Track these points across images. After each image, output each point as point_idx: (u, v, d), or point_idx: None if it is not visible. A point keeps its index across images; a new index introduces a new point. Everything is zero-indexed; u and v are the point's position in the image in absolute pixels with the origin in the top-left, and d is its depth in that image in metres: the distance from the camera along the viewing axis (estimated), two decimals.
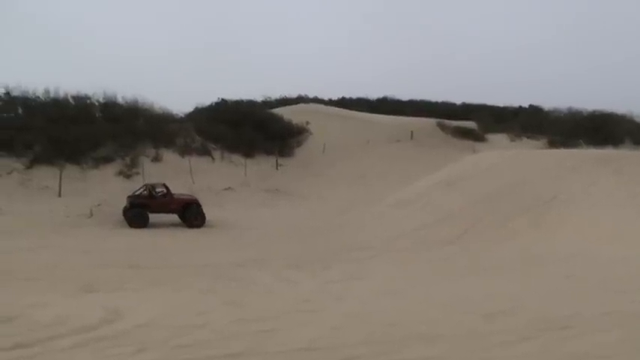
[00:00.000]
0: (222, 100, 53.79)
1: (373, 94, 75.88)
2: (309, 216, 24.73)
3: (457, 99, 73.44)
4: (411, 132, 48.06)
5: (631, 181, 20.43)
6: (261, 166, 37.77)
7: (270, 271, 13.72)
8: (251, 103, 59.27)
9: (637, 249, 14.71)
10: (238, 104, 53.53)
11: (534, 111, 64.03)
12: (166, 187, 23.80)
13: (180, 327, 7.96)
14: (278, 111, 50.22)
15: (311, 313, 9.23)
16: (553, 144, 48.00)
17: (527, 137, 52.32)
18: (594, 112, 55.58)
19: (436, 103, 68.83)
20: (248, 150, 38.42)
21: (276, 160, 38.93)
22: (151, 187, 23.66)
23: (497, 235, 18.64)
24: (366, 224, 22.79)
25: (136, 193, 23.51)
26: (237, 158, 37.27)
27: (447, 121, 53.82)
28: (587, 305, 9.26)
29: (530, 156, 28.42)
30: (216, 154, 37.15)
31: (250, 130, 40.63)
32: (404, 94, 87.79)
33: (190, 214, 23.03)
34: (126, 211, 22.88)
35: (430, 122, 52.54)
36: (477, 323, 8.36)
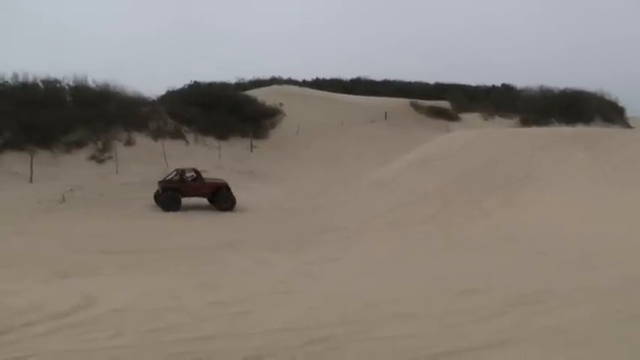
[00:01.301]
0: (195, 82, 53.41)
1: (347, 74, 75.91)
2: (284, 198, 24.70)
3: (430, 79, 73.85)
4: (385, 112, 48.13)
5: (601, 157, 20.72)
6: (235, 148, 37.56)
7: (245, 254, 13.68)
8: (224, 86, 58.81)
9: (608, 225, 14.94)
10: (211, 87, 53.08)
11: (507, 90, 64.43)
12: (196, 172, 24.24)
13: (155, 311, 7.91)
14: (251, 93, 49.96)
15: (287, 295, 9.23)
16: (525, 122, 48.39)
17: (500, 116, 52.72)
18: (565, 90, 56.08)
19: (410, 83, 68.91)
20: (222, 132, 38.14)
21: (251, 142, 38.75)
22: (181, 172, 24.00)
23: (472, 213, 18.82)
24: (341, 205, 22.83)
25: (167, 178, 23.78)
26: (211, 141, 37.02)
27: (420, 101, 54.00)
28: (560, 281, 9.39)
29: (503, 135, 28.66)
30: (190, 137, 36.86)
31: (224, 112, 40.33)
32: (378, 74, 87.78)
33: (220, 197, 23.37)
34: (158, 196, 23.25)
35: (404, 102, 52.67)
36: (451, 301, 8.43)
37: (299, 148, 39.50)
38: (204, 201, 23.44)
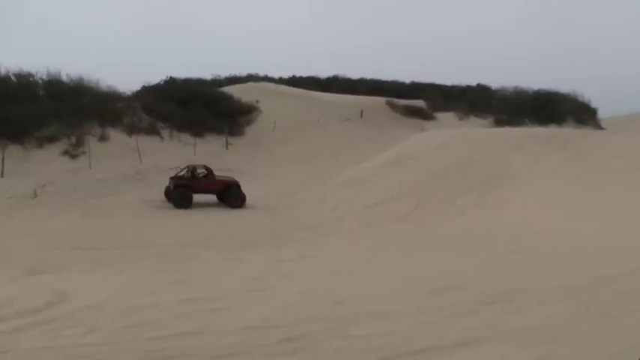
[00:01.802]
0: (171, 78, 53.06)
1: (324, 72, 76.04)
2: (259, 195, 24.62)
3: (406, 78, 74.19)
4: (361, 111, 48.26)
5: (573, 158, 21.04)
6: (210, 145, 37.38)
7: (220, 251, 13.65)
8: (200, 82, 58.55)
9: (579, 225, 15.17)
10: (187, 83, 52.82)
11: (482, 90, 64.96)
12: (207, 169, 24.19)
13: (128, 307, 7.86)
14: (228, 89, 49.75)
15: (262, 292, 9.22)
16: (499, 122, 48.88)
17: (475, 116, 53.15)
18: (539, 91, 56.73)
19: (386, 82, 69.22)
20: (197, 129, 37.94)
21: (226, 139, 38.59)
22: (192, 169, 23.99)
23: (446, 212, 18.96)
24: (316, 203, 22.85)
25: (179, 175, 23.93)
26: (186, 137, 36.81)
27: (396, 100, 54.22)
28: (532, 280, 9.50)
29: (478, 135, 28.93)
30: (165, 133, 36.60)
31: (200, 109, 40.12)
32: (354, 72, 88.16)
33: (230, 195, 23.34)
34: (169, 193, 23.19)
35: (380, 101, 52.86)
36: (425, 299, 8.50)
37: (275, 146, 39.45)
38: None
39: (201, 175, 24.02)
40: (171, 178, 23.59)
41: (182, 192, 22.56)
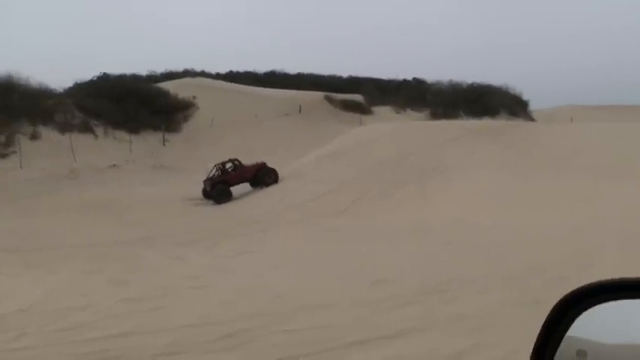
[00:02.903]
0: (105, 74, 51.91)
1: (261, 67, 75.74)
2: (198, 192, 24.39)
3: (344, 72, 74.63)
4: (300, 106, 48.31)
5: (507, 149, 21.56)
6: (147, 142, 36.82)
7: (157, 249, 13.45)
8: (135, 78, 57.46)
9: (512, 214, 15.55)
10: (122, 78, 51.77)
11: (418, 84, 65.90)
12: (233, 161, 26.18)
13: (61, 310, 7.67)
14: (164, 85, 49.08)
15: (200, 289, 9.14)
16: (435, 115, 49.67)
17: (412, 109, 53.91)
18: (473, 84, 57.94)
19: (323, 77, 69.49)
20: (133, 126, 37.33)
21: (163, 136, 38.09)
22: (220, 166, 25.72)
23: (385, 204, 19.15)
24: (254, 198, 22.79)
25: (211, 175, 25.26)
26: (121, 134, 36.15)
27: (334, 95, 54.47)
28: (467, 270, 9.70)
29: (415, 128, 29.36)
30: (99, 130, 35.87)
31: (135, 105, 39.47)
32: (292, 67, 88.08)
33: (262, 175, 25.11)
34: (208, 192, 24.32)
35: (318, 96, 53.01)
36: (363, 291, 8.57)
37: (213, 142, 39.07)
38: (117, 195, 22.84)
39: (230, 168, 25.71)
40: (206, 181, 24.83)
41: (220, 188, 24.01)
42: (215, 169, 25.63)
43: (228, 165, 25.94)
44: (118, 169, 29.68)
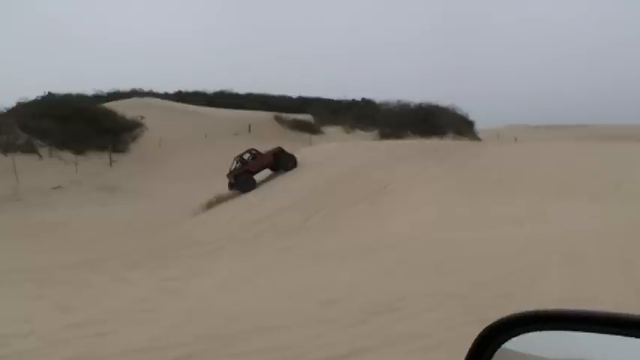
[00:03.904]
0: (50, 94, 50.73)
1: (210, 87, 75.29)
2: (146, 213, 24.04)
3: (293, 92, 74.82)
4: (249, 125, 48.23)
5: (453, 169, 21.95)
6: (93, 162, 36.14)
7: (104, 272, 13.17)
8: (81, 98, 56.35)
9: (461, 233, 15.80)
10: (67, 98, 50.67)
11: (367, 104, 66.44)
12: (250, 151, 27.95)
13: (3, 337, 7.41)
14: (111, 105, 48.35)
15: (148, 312, 8.96)
16: (384, 135, 50.15)
17: (361, 129, 54.34)
18: (421, 104, 58.69)
19: (273, 97, 69.49)
20: (79, 146, 36.59)
21: (110, 157, 37.44)
22: (239, 158, 27.67)
23: (336, 223, 19.23)
24: (206, 218, 22.58)
25: (232, 168, 27.11)
26: (67, 155, 35.39)
27: (284, 115, 54.57)
28: (416, 288, 9.78)
29: (364, 147, 29.64)
30: (44, 151, 35.02)
31: (81, 125, 38.70)
32: (241, 87, 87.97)
33: (282, 161, 27.37)
34: (233, 184, 26.23)
35: (268, 115, 53.06)
36: (314, 311, 8.55)
37: (161, 162, 38.66)
38: (62, 217, 22.33)
39: (249, 158, 27.47)
40: (228, 174, 26.76)
41: (245, 178, 26.11)
42: (235, 162, 27.38)
43: (247, 155, 27.60)
44: (63, 190, 29.04)
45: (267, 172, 27.79)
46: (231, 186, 26.27)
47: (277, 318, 8.23)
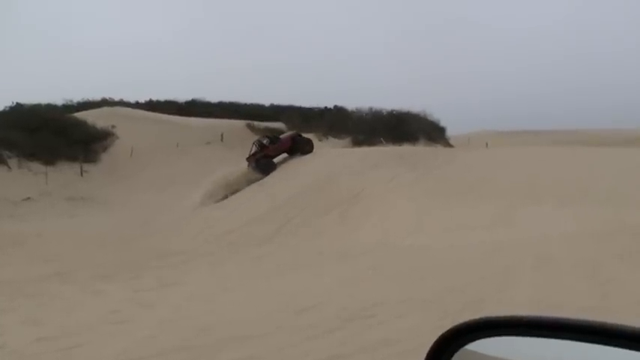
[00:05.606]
0: (18, 104, 50.00)
1: (182, 96, 74.82)
2: (117, 223, 23.79)
3: (266, 101, 74.71)
4: (222, 134, 48.07)
5: (425, 175, 22.10)
6: (63, 173, 35.68)
7: (74, 284, 12.98)
8: (50, 107, 55.59)
9: (434, 239, 15.93)
10: (36, 108, 49.96)
11: (339, 111, 66.52)
12: (268, 136, 30.26)
13: None
14: (81, 115, 47.82)
15: (121, 324, 8.87)
16: (356, 142, 50.27)
17: (333, 136, 54.38)
18: (392, 111, 58.95)
19: (245, 105, 69.24)
20: (49, 157, 36.09)
21: (81, 167, 37.02)
22: (258, 143, 29.65)
23: (308, 232, 19.25)
24: (178, 229, 22.43)
25: (252, 152, 28.93)
26: (36, 166, 34.89)
27: (256, 123, 54.46)
28: (390, 294, 9.83)
29: (336, 154, 29.75)
30: (13, 162, 34.50)
31: (50, 135, 38.19)
32: (213, 96, 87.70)
33: (298, 145, 29.34)
34: (255, 168, 27.86)
35: (240, 124, 52.93)
36: (288, 320, 8.56)
37: (133, 172, 38.33)
38: (32, 229, 22.00)
39: (267, 143, 29.11)
40: (249, 158, 28.65)
41: (265, 162, 27.86)
42: (254, 146, 29.18)
43: (264, 140, 29.32)
44: (33, 201, 28.65)
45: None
46: (253, 169, 27.85)
47: (252, 327, 8.22)
